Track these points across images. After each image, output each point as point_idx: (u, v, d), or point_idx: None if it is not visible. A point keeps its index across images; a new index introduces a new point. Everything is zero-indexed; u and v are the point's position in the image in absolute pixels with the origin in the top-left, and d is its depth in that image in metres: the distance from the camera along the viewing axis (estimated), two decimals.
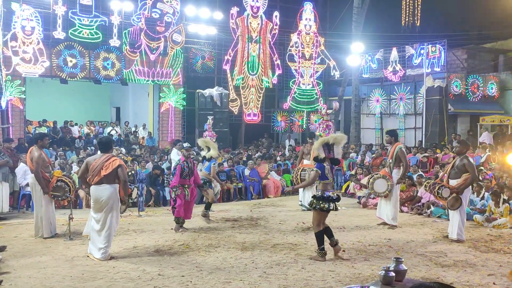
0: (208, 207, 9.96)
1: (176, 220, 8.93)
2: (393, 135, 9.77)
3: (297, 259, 6.96)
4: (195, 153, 9.85)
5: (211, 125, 11.93)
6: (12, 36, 15.77)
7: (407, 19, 22.39)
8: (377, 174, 9.73)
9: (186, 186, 8.98)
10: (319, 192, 6.99)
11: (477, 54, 22.87)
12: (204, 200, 11.16)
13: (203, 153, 10.68)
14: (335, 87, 24.48)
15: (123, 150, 14.99)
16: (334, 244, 7.04)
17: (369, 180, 9.68)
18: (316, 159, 7.08)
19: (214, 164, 10.52)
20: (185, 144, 9.83)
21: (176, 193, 8.80)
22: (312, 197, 7.28)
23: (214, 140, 11.25)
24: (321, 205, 6.84)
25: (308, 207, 11.26)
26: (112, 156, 7.16)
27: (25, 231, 8.76)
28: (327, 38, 23.02)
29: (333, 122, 9.37)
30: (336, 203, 6.96)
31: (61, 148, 15.72)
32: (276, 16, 21.32)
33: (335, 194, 6.97)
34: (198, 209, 11.46)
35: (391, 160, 9.46)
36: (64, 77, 17.24)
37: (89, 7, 17.05)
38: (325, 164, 7.03)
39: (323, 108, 10.98)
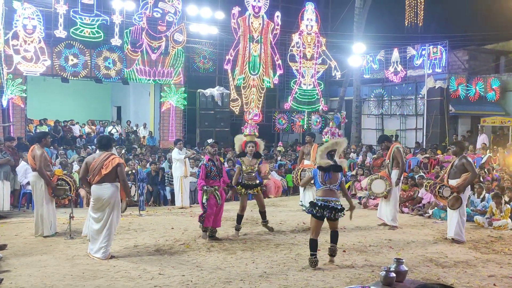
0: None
1: (204, 229, 8.08)
2: (385, 139, 9.87)
3: (298, 259, 6.95)
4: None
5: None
6: (14, 35, 15.78)
7: (410, 20, 22.38)
8: (375, 175, 9.81)
9: (216, 188, 7.99)
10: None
11: (478, 55, 22.87)
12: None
13: None
14: (336, 88, 24.51)
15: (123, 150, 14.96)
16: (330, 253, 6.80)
17: (367, 181, 9.75)
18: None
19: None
20: (210, 140, 8.32)
21: (208, 193, 7.81)
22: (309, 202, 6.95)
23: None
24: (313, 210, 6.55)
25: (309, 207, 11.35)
26: (111, 154, 7.14)
27: (25, 230, 8.76)
28: (328, 39, 23.00)
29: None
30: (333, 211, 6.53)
31: (62, 147, 15.71)
32: (277, 16, 21.29)
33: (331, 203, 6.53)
34: (197, 208, 11.49)
35: (388, 161, 9.51)
36: (65, 76, 17.25)
37: (90, 6, 17.06)
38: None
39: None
